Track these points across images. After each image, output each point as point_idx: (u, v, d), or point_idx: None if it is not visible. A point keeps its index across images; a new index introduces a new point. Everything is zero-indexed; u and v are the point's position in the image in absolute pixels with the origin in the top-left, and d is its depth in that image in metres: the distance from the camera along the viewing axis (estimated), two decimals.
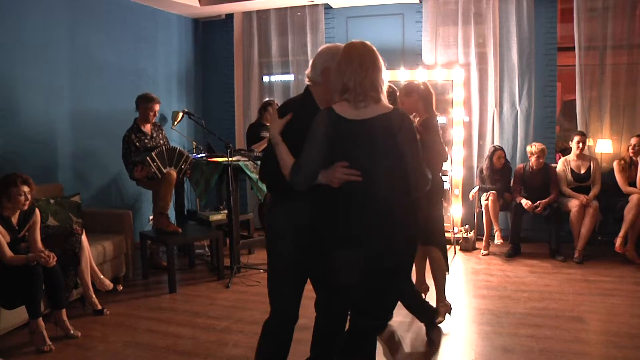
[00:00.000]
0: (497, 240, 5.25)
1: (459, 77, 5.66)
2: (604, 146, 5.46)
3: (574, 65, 5.51)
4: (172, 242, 4.43)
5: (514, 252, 5.14)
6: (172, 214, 4.97)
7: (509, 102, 5.73)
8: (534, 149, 5.19)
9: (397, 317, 3.55)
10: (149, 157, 4.56)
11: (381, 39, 5.91)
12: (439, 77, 5.75)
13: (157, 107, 4.83)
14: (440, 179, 3.64)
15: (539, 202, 5.07)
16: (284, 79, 6.51)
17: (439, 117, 6.01)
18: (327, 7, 6.16)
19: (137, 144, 4.71)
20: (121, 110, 5.18)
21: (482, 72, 5.79)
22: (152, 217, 5.13)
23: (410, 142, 2.04)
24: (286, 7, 6.27)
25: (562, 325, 3.48)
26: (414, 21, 5.96)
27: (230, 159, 4.57)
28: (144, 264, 4.65)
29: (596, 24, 5.41)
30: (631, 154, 5.03)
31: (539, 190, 5.20)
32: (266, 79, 6.65)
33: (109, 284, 3.91)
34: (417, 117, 3.56)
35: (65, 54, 4.79)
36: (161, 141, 4.93)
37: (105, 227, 4.39)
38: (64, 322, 3.38)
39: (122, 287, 4.33)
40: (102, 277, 3.86)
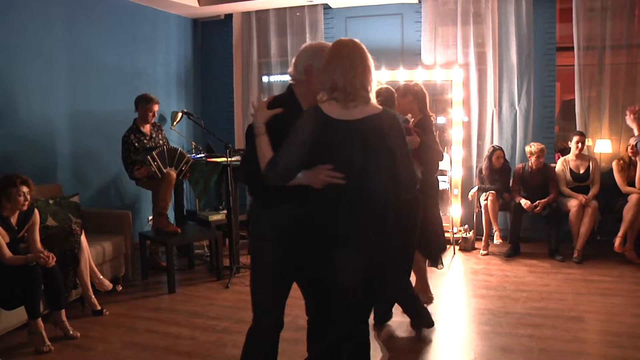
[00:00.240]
0: (497, 240, 5.25)
1: (458, 77, 5.66)
2: (603, 146, 5.46)
3: (573, 65, 5.50)
4: (172, 242, 4.43)
5: (513, 252, 5.14)
6: (171, 214, 4.97)
7: (508, 102, 5.73)
8: (533, 148, 5.19)
9: (397, 317, 3.56)
10: (149, 156, 4.56)
11: (380, 39, 5.92)
12: (438, 77, 5.75)
13: (156, 107, 4.84)
14: (435, 179, 3.65)
15: (538, 201, 5.07)
16: (283, 79, 6.50)
17: (438, 117, 6.02)
18: (326, 7, 6.16)
19: (137, 145, 4.71)
20: (120, 110, 5.18)
21: (481, 72, 5.79)
22: (151, 217, 5.13)
23: (400, 142, 2.02)
24: (285, 7, 6.26)
25: (562, 325, 3.48)
26: (413, 21, 5.96)
27: (229, 159, 4.57)
28: (143, 264, 4.64)
29: (595, 24, 5.41)
30: (630, 154, 5.04)
31: (538, 190, 5.20)
32: (265, 79, 6.64)
33: (108, 285, 3.91)
34: (412, 117, 3.57)
35: (63, 54, 4.78)
36: (161, 141, 4.93)
37: (104, 227, 4.39)
38: (63, 323, 3.38)
39: (121, 288, 4.33)
40: (101, 277, 3.85)
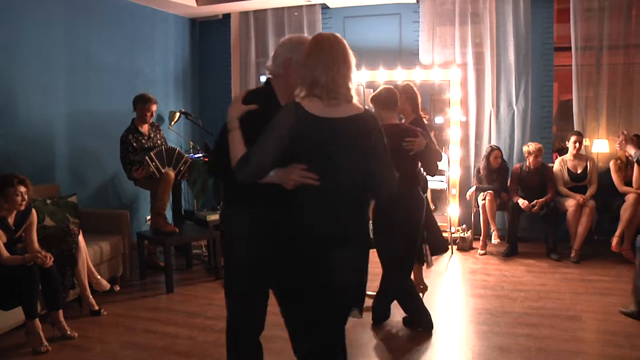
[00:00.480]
0: (494, 240, 5.26)
1: (456, 77, 5.67)
2: (601, 146, 5.47)
3: (571, 65, 5.53)
4: (170, 242, 4.43)
5: (511, 252, 5.15)
6: (169, 214, 4.96)
7: (506, 102, 5.74)
8: (530, 148, 5.20)
9: (395, 317, 3.56)
10: (147, 157, 4.56)
11: (378, 39, 5.92)
12: (436, 77, 5.75)
13: (154, 107, 4.83)
14: (424, 177, 3.64)
15: (535, 201, 5.08)
16: None
17: (436, 117, 6.02)
18: (324, 7, 6.16)
19: (135, 144, 4.70)
20: (118, 110, 5.17)
21: (479, 72, 5.80)
22: (149, 217, 5.12)
23: (381, 143, 1.99)
24: (283, 7, 6.26)
25: (559, 324, 3.48)
26: (411, 21, 5.96)
27: None
28: (141, 264, 4.64)
29: (592, 24, 5.43)
30: (627, 154, 5.05)
31: (536, 189, 5.21)
32: (263, 78, 6.59)
33: (106, 285, 3.90)
34: (404, 118, 3.59)
35: (62, 54, 4.77)
36: (159, 141, 4.92)
37: (102, 227, 4.38)
38: (61, 323, 3.37)
39: (119, 288, 4.32)
40: (99, 277, 3.85)
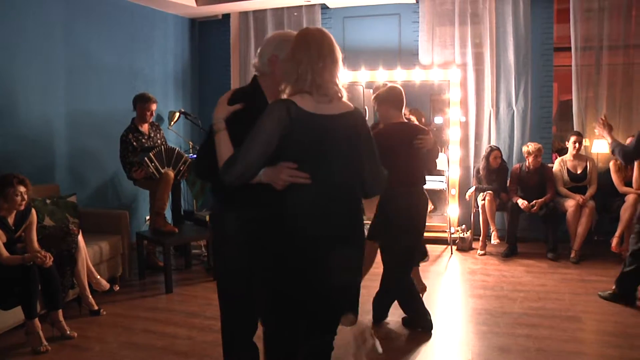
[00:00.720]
0: (494, 240, 5.26)
1: (455, 77, 5.67)
2: (600, 146, 5.47)
3: (570, 65, 5.53)
4: (169, 242, 4.43)
5: (510, 252, 5.15)
6: (168, 214, 4.96)
7: (506, 102, 5.74)
8: (530, 148, 5.20)
9: (394, 317, 3.56)
10: (146, 158, 4.55)
11: (378, 39, 5.92)
12: (435, 78, 5.75)
13: (153, 106, 4.84)
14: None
15: (535, 201, 5.08)
16: None
17: (435, 117, 6.03)
18: (324, 7, 6.15)
19: (135, 144, 4.70)
20: (118, 110, 5.17)
21: (479, 73, 5.80)
22: (148, 217, 5.12)
23: (370, 141, 1.99)
24: (283, 7, 6.26)
25: (559, 324, 3.48)
26: (411, 21, 5.97)
27: None
28: (141, 264, 4.63)
29: (592, 24, 5.43)
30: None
31: (536, 190, 5.21)
32: None
33: (106, 285, 3.90)
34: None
35: (62, 54, 4.77)
36: (159, 141, 4.92)
37: (101, 227, 4.38)
38: (60, 323, 3.37)
39: (118, 288, 4.32)
40: (98, 277, 3.84)
